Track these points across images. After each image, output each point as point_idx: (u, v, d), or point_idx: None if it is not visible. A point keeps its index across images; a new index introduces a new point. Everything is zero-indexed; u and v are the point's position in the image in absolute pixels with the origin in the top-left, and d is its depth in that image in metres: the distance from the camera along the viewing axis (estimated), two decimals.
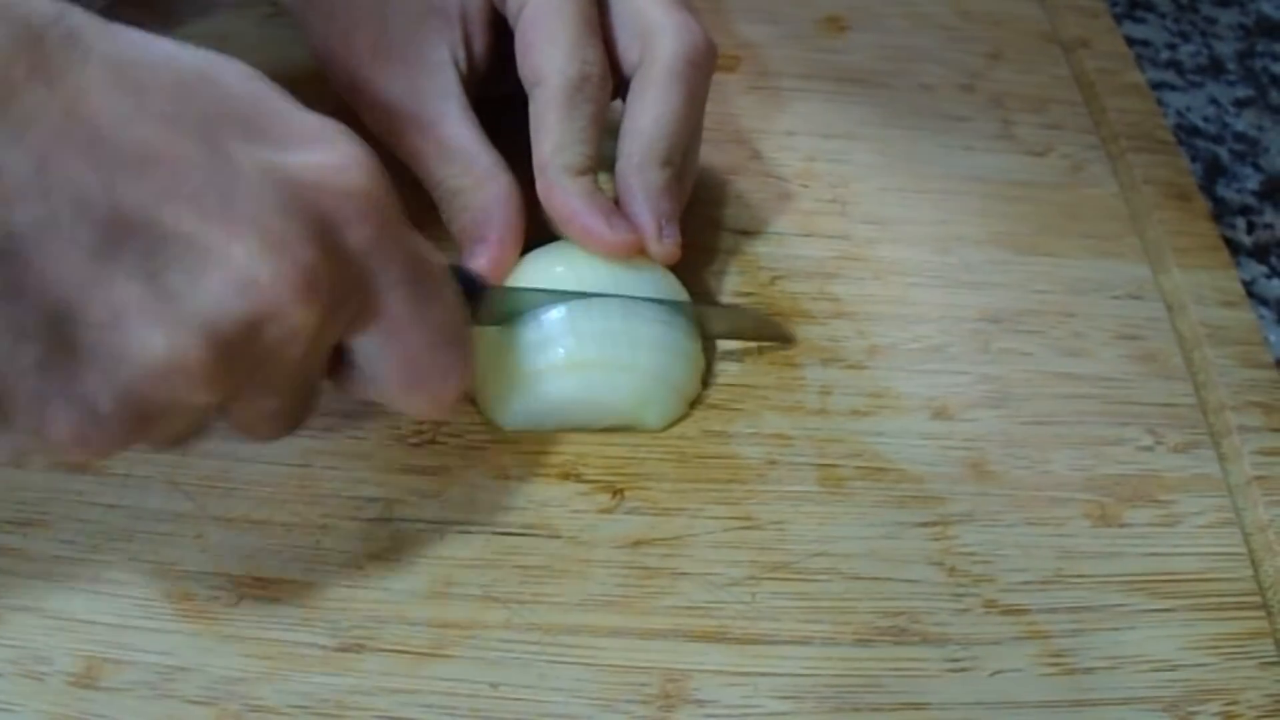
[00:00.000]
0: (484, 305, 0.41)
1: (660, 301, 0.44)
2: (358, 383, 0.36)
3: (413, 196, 0.48)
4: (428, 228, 0.49)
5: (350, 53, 0.48)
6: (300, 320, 0.31)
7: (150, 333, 0.30)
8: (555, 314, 0.43)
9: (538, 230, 0.45)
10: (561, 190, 0.44)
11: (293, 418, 0.36)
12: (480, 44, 0.48)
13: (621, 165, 0.45)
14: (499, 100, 0.48)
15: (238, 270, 0.30)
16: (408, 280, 0.34)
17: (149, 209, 0.29)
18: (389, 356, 0.35)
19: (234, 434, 0.36)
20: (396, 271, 0.34)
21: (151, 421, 0.32)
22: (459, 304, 0.37)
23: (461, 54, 0.47)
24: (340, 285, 0.33)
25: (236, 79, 0.33)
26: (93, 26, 0.30)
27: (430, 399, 0.36)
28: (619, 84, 0.47)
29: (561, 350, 0.42)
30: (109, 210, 0.29)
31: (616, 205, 0.45)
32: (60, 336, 0.30)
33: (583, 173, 0.44)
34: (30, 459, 0.41)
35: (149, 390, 0.31)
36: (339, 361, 0.36)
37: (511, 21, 0.46)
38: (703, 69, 0.46)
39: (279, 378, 0.33)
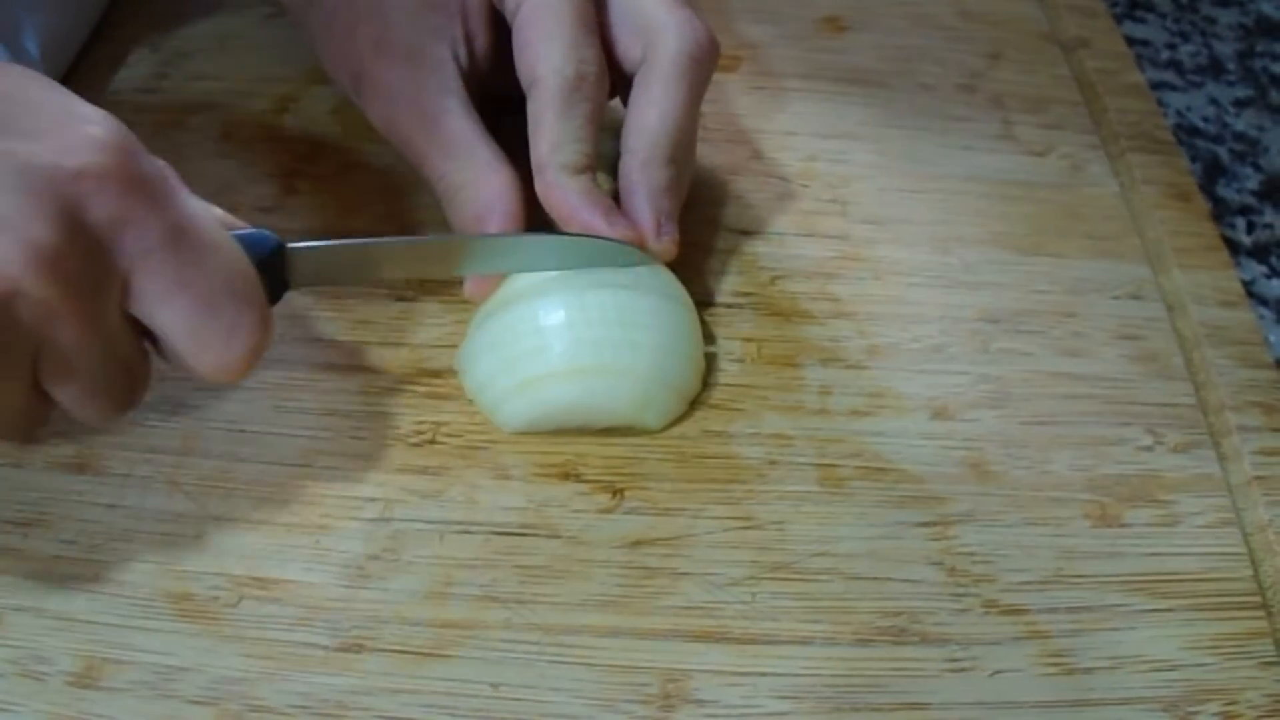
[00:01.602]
0: (288, 266, 0.41)
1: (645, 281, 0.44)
2: (165, 352, 0.38)
3: (419, 191, 0.49)
4: (432, 225, 0.50)
5: (352, 50, 0.48)
6: (43, 296, 0.33)
7: None
8: (554, 319, 0.43)
9: (541, 227, 0.45)
10: (560, 188, 0.44)
11: (120, 394, 0.38)
12: (481, 41, 0.48)
13: (626, 162, 0.45)
14: (501, 97, 0.48)
15: None
16: (164, 247, 0.35)
17: None
18: (164, 322, 0.36)
19: (72, 416, 0.37)
20: (150, 240, 0.35)
21: None
22: (235, 264, 0.37)
23: (463, 51, 0.47)
24: (86, 260, 0.34)
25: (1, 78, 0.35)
26: None
27: (220, 359, 0.37)
28: (618, 81, 0.47)
29: (561, 356, 0.42)
30: None
31: (615, 202, 0.45)
32: None
33: (581, 171, 0.44)
34: None
35: None
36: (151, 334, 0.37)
37: (509, 19, 0.46)
38: (706, 66, 0.47)
39: (74, 354, 0.35)
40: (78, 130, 0.34)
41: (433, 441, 0.43)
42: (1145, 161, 0.56)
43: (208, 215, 0.37)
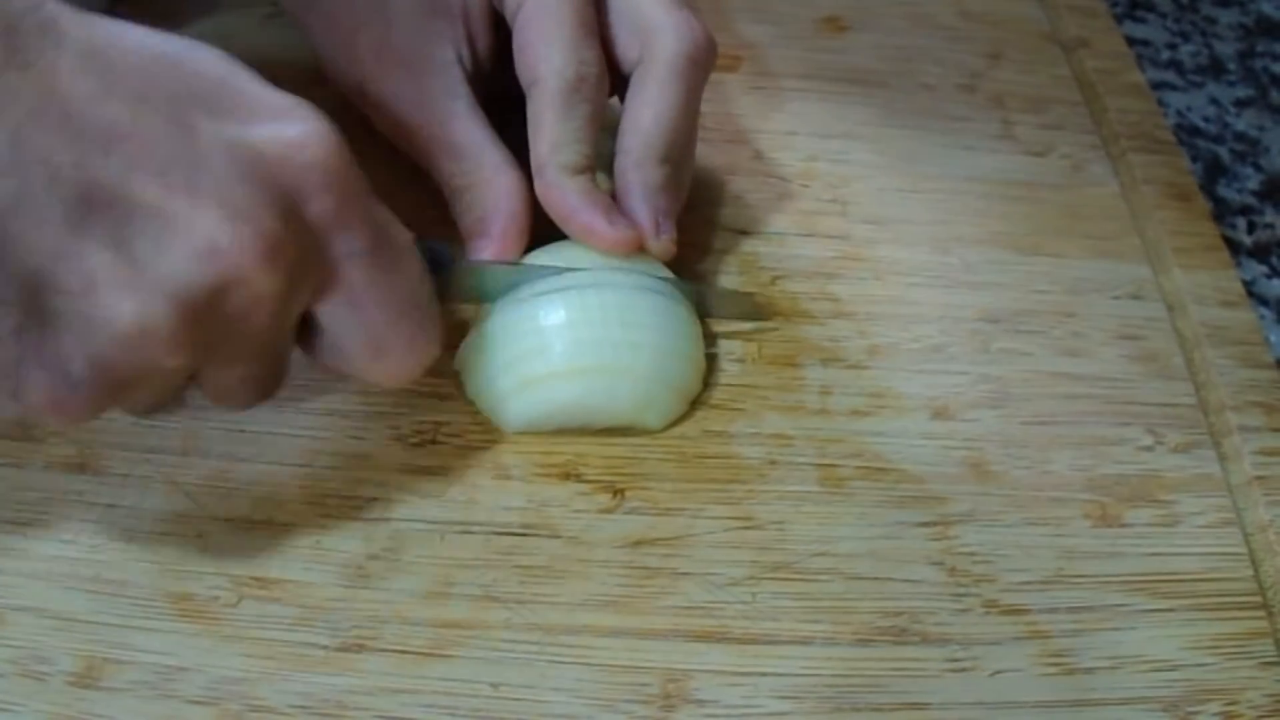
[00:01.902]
0: (454, 280, 0.42)
1: (651, 280, 0.44)
2: (326, 352, 0.38)
3: (425, 191, 0.49)
4: (438, 225, 0.50)
5: (354, 55, 0.48)
6: (263, 285, 0.33)
7: (120, 299, 0.31)
8: (555, 319, 0.43)
9: (547, 228, 0.45)
10: (560, 189, 0.44)
11: (263, 385, 0.38)
12: (484, 42, 0.48)
13: (620, 162, 0.45)
14: (505, 97, 0.48)
15: (202, 238, 0.32)
16: (368, 251, 0.36)
17: (117, 182, 0.31)
18: (352, 325, 0.37)
19: (207, 401, 0.37)
20: (357, 242, 0.35)
21: (124, 386, 0.33)
22: (422, 277, 0.38)
23: (466, 52, 0.47)
24: (301, 253, 0.34)
25: (205, 61, 0.34)
26: (66, 16, 0.32)
27: (394, 368, 0.38)
28: (616, 81, 0.47)
29: (562, 356, 0.42)
30: (80, 184, 0.31)
31: (615, 202, 0.45)
32: (36, 304, 0.32)
33: (580, 171, 0.44)
34: (15, 426, 0.42)
35: (120, 355, 0.32)
36: (308, 332, 0.37)
37: (509, 21, 0.46)
38: (704, 67, 0.47)
39: (247, 344, 0.35)
40: (296, 123, 0.34)
41: (433, 441, 0.43)
42: (1145, 161, 0.56)
43: (400, 225, 0.38)
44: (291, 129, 0.34)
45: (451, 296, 0.42)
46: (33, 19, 0.31)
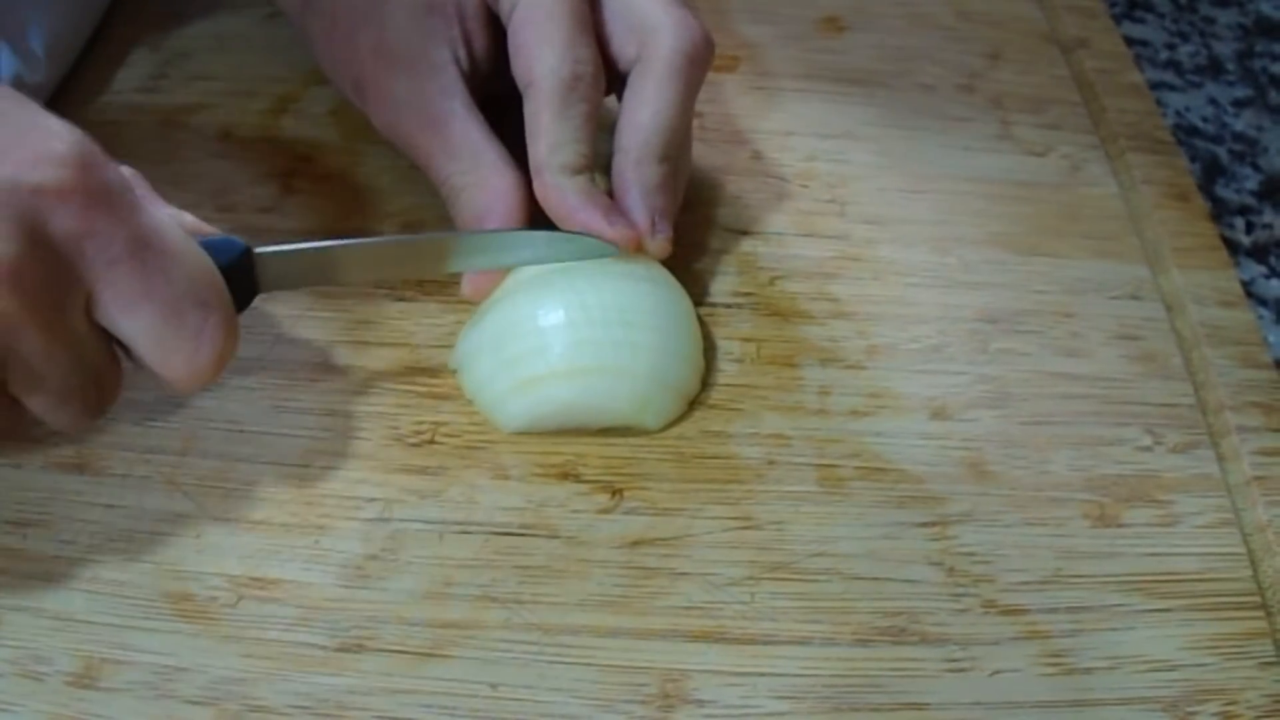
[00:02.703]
0: (260, 270, 0.41)
1: (650, 280, 0.44)
2: (135, 360, 0.38)
3: (424, 192, 0.49)
4: (438, 225, 0.50)
5: (353, 56, 0.48)
6: (3, 308, 0.34)
7: None
8: (554, 319, 0.43)
9: (544, 226, 0.45)
10: (558, 189, 0.44)
11: (87, 402, 0.38)
12: (480, 42, 0.48)
13: (618, 160, 0.45)
14: (503, 97, 0.48)
15: None
16: (126, 257, 0.36)
17: None
18: (131, 328, 0.37)
19: (50, 423, 0.38)
20: (112, 251, 0.35)
21: None
22: (199, 271, 0.37)
23: (463, 53, 0.47)
24: (48, 272, 0.34)
25: None
26: None
27: (186, 366, 0.37)
28: (613, 80, 0.47)
29: (561, 356, 0.42)
30: None
31: (613, 201, 0.45)
32: None
33: (579, 171, 0.44)
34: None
35: None
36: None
37: (504, 21, 0.46)
38: (701, 65, 0.47)
39: (30, 364, 0.35)
40: (38, 145, 0.35)
41: (432, 441, 0.43)
42: (1144, 162, 0.56)
43: (172, 223, 0.37)
44: (31, 152, 0.34)
45: (265, 286, 0.41)
46: None
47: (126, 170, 0.37)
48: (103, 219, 0.35)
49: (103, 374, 0.38)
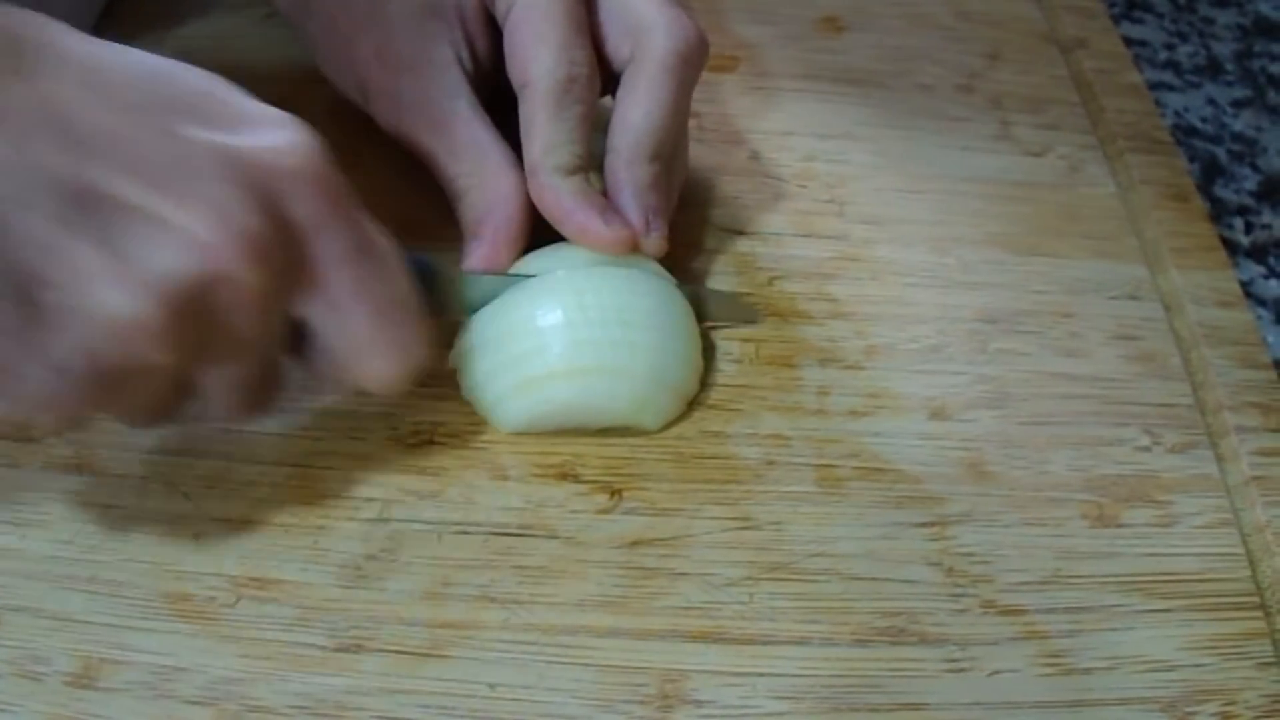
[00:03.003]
0: (437, 292, 0.42)
1: (648, 281, 0.44)
2: (316, 357, 0.38)
3: (425, 191, 0.49)
4: (438, 225, 0.50)
5: (355, 58, 0.48)
6: (247, 281, 0.34)
7: (109, 292, 0.33)
8: (552, 319, 0.42)
9: (545, 229, 0.45)
10: (554, 190, 0.44)
11: (256, 394, 0.39)
12: (483, 43, 0.48)
13: (610, 160, 0.45)
14: (503, 98, 0.48)
15: (188, 235, 0.33)
16: (351, 257, 0.37)
17: (109, 183, 0.33)
18: (336, 328, 0.37)
19: (205, 414, 0.38)
20: (340, 248, 0.36)
21: (115, 382, 0.34)
22: (406, 284, 0.39)
23: (466, 53, 0.47)
24: (285, 254, 0.35)
25: (192, 75, 0.36)
26: (65, 33, 0.34)
27: (380, 370, 0.38)
28: (608, 80, 0.47)
29: (559, 357, 0.42)
30: (73, 184, 0.32)
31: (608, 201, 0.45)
32: (29, 299, 0.33)
33: (574, 172, 0.44)
34: (12, 426, 0.42)
35: (109, 348, 0.33)
36: (299, 339, 0.38)
37: (500, 22, 0.46)
38: (695, 65, 0.47)
39: (234, 342, 0.36)
40: (279, 131, 0.36)
41: (430, 442, 0.43)
42: (1143, 162, 0.56)
43: (384, 232, 0.38)
44: (275, 136, 0.36)
45: (435, 309, 0.42)
46: (35, 37, 0.33)
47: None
48: (336, 214, 0.36)
49: (275, 367, 0.39)
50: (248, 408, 0.39)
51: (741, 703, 0.38)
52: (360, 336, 0.37)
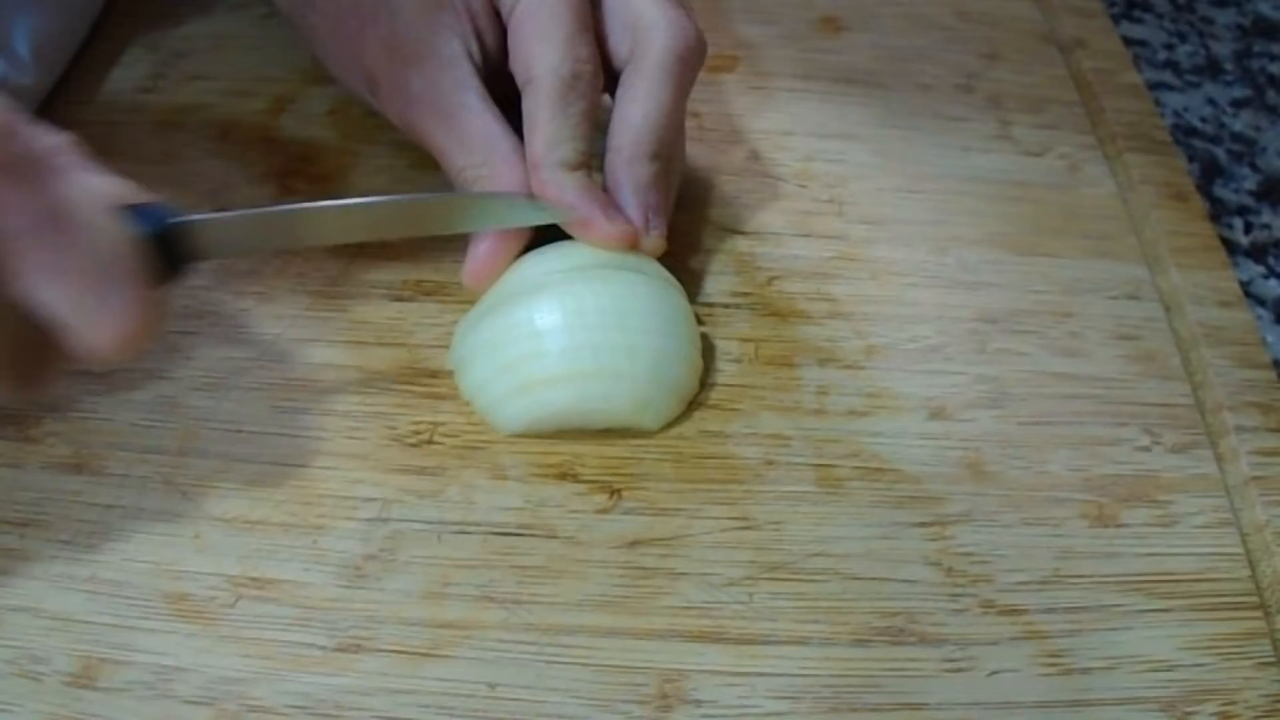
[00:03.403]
0: (191, 238, 0.39)
1: (646, 280, 0.44)
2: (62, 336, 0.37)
3: (416, 191, 0.49)
4: None
5: (363, 52, 0.48)
6: None
7: None
8: (550, 322, 0.42)
9: (546, 229, 0.45)
10: (557, 186, 0.44)
11: (23, 375, 0.37)
12: (490, 36, 0.48)
13: (610, 159, 0.46)
14: (508, 92, 0.48)
15: None
16: (35, 230, 0.35)
17: None
18: (44, 303, 0.36)
19: None
20: (21, 223, 0.35)
21: None
22: (109, 246, 0.36)
23: (474, 46, 0.47)
24: None
25: None
26: None
27: (101, 339, 0.36)
28: (608, 78, 0.47)
29: (558, 360, 0.42)
30: None
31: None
32: None
33: (577, 167, 0.44)
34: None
35: None
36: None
37: (505, 17, 0.46)
38: (693, 65, 0.47)
39: None
40: None
41: (430, 442, 0.43)
42: (1142, 162, 0.56)
43: (88, 194, 0.36)
44: None
45: (200, 254, 0.39)
46: None
47: (55, 138, 0.36)
48: (12, 191, 0.34)
49: (36, 346, 0.37)
50: (24, 383, 0.37)
51: (741, 702, 0.38)
52: (65, 309, 0.36)
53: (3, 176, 0.34)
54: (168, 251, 0.38)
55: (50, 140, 0.36)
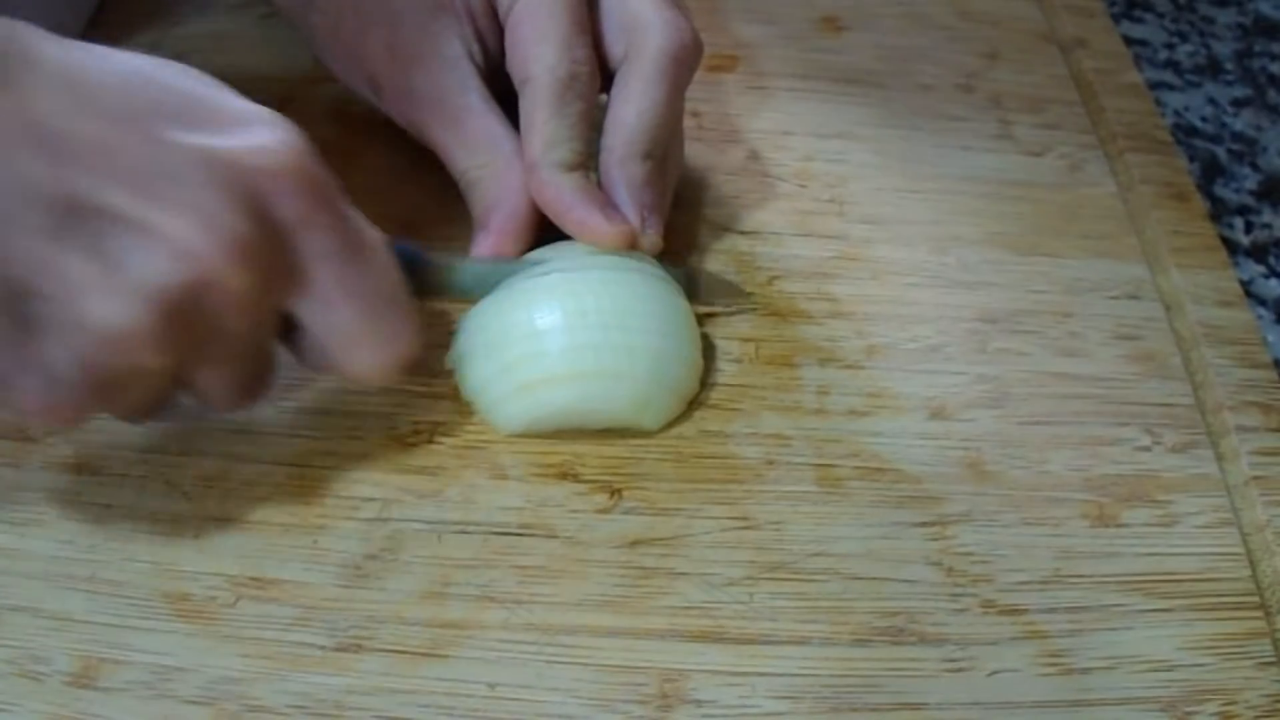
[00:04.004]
0: (429, 279, 0.43)
1: (646, 280, 0.44)
2: (308, 351, 0.39)
3: (423, 190, 0.49)
4: (438, 224, 0.50)
5: (365, 54, 0.48)
6: (236, 285, 0.35)
7: (102, 303, 0.33)
8: (550, 322, 0.42)
9: (547, 228, 0.45)
10: (554, 186, 0.44)
11: (250, 386, 0.39)
12: (492, 37, 0.48)
13: (604, 159, 0.46)
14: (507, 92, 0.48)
15: (176, 243, 0.34)
16: (337, 253, 0.37)
17: (95, 194, 0.33)
18: (327, 322, 0.38)
19: (200, 406, 0.39)
20: (326, 244, 0.37)
21: (112, 387, 0.35)
22: (394, 276, 0.39)
23: (476, 47, 0.48)
24: (272, 254, 0.36)
25: (175, 77, 0.36)
26: (41, 40, 0.34)
27: (372, 362, 0.39)
28: (604, 78, 0.47)
29: (559, 361, 0.42)
30: (60, 196, 0.32)
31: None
32: (22, 313, 0.33)
33: (574, 168, 0.44)
34: (14, 428, 0.42)
35: (104, 356, 0.34)
36: (292, 331, 0.39)
37: (502, 19, 0.47)
38: (688, 65, 0.47)
39: (227, 343, 0.36)
40: (263, 131, 0.36)
41: (430, 441, 0.43)
42: (1143, 161, 0.56)
43: (371, 225, 0.39)
44: (259, 137, 0.36)
45: (428, 294, 0.43)
46: (8, 44, 0.33)
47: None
48: (321, 211, 0.36)
49: (269, 360, 0.39)
50: (242, 398, 0.39)
51: (741, 702, 0.38)
52: (349, 330, 0.38)
53: (313, 196, 0.36)
54: (415, 287, 0.41)
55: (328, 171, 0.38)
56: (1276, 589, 0.41)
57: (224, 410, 0.39)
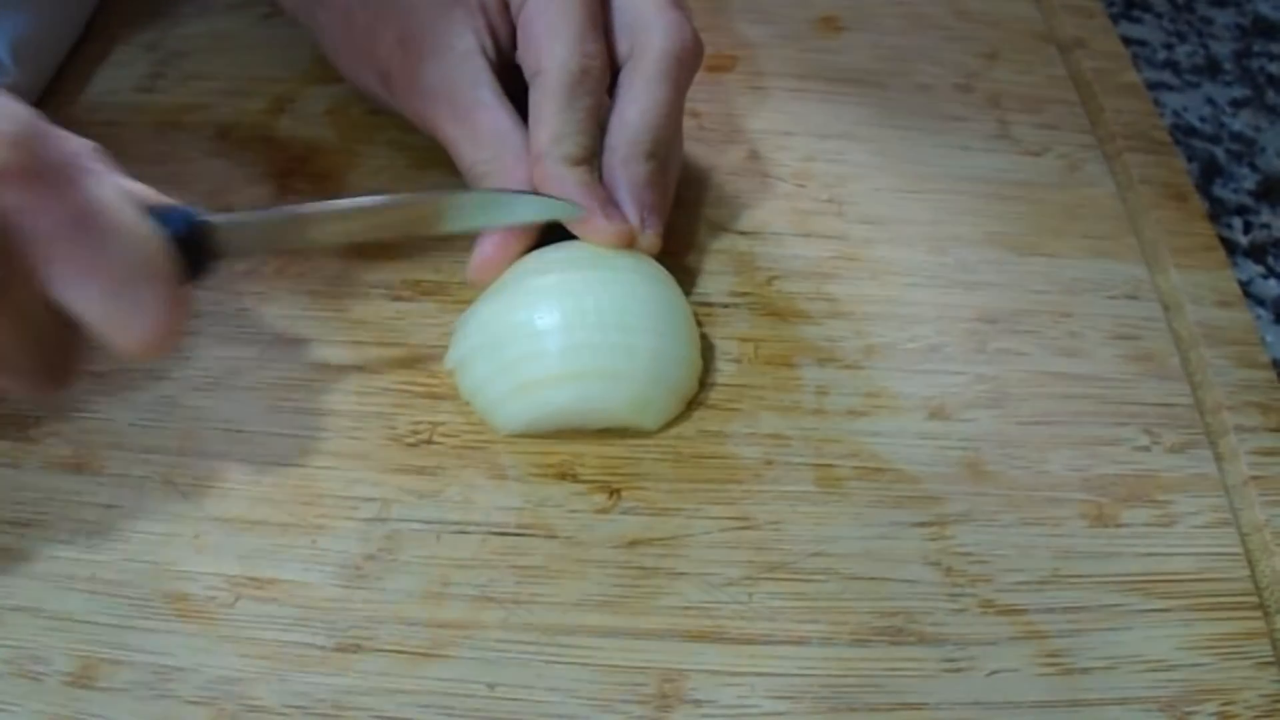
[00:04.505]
0: (215, 239, 0.40)
1: (645, 280, 0.44)
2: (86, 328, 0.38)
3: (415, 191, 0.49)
4: None
5: (376, 48, 0.48)
6: None
7: None
8: (550, 321, 0.42)
9: (547, 228, 0.45)
10: (559, 180, 0.44)
11: (50, 373, 0.38)
12: (504, 32, 0.48)
13: (607, 158, 0.46)
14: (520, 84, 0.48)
15: None
16: (67, 233, 0.35)
17: None
18: (77, 304, 0.36)
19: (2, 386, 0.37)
20: (54, 226, 0.35)
21: None
22: (144, 248, 0.37)
23: (488, 42, 0.48)
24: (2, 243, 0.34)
25: None
26: None
27: (133, 337, 0.37)
28: (610, 76, 0.47)
29: (558, 361, 0.42)
30: None
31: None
32: None
33: (579, 163, 0.45)
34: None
35: None
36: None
37: (514, 12, 0.47)
38: (689, 67, 0.47)
39: None
40: None
41: (429, 441, 0.43)
42: (1142, 161, 0.56)
43: (117, 196, 0.37)
44: None
45: (224, 254, 0.40)
46: None
47: (82, 143, 0.37)
48: (43, 195, 0.35)
49: (63, 345, 0.38)
50: (51, 382, 0.38)
51: (740, 702, 0.38)
52: (99, 308, 0.36)
53: (32, 180, 0.35)
54: (192, 252, 0.39)
55: (76, 145, 0.37)
56: (1275, 589, 0.41)
57: (27, 390, 0.38)
